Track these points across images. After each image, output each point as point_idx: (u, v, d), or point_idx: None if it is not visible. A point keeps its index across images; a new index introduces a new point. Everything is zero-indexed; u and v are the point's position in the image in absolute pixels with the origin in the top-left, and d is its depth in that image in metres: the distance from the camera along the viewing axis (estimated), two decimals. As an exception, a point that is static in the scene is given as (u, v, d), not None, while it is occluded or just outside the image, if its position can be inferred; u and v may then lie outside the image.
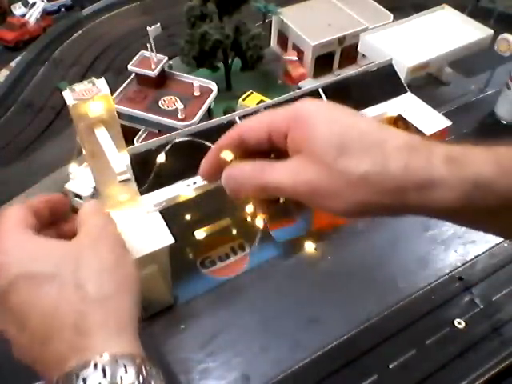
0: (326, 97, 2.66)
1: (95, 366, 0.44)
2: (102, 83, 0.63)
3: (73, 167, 4.01)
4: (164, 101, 4.84)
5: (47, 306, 0.47)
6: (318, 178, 0.49)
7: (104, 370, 0.44)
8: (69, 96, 0.59)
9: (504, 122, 3.79)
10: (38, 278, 0.48)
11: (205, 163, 0.60)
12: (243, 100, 5.23)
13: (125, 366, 0.44)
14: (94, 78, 0.64)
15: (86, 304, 0.47)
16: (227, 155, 0.57)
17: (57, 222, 0.63)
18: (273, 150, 0.57)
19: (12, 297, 0.48)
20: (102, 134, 0.64)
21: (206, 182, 0.59)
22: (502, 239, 2.82)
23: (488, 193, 0.45)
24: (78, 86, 0.59)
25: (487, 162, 0.46)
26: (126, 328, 0.49)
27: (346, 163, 0.48)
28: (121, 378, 0.43)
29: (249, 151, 0.57)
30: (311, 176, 0.49)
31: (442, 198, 0.45)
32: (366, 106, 2.80)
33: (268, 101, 2.70)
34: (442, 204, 0.46)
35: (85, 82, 0.59)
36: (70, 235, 0.57)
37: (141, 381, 0.45)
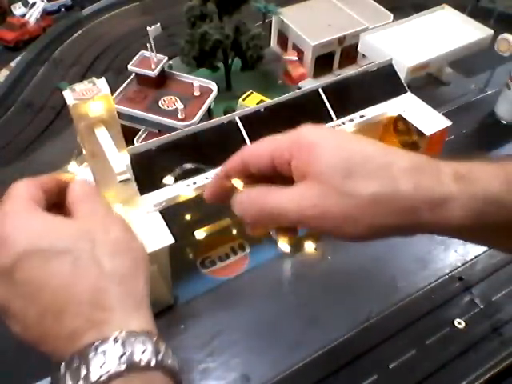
0: (326, 97, 2.66)
1: (115, 339, 0.43)
2: (102, 83, 0.63)
3: (72, 167, 4.01)
4: (164, 101, 4.84)
5: (61, 280, 0.46)
6: (326, 202, 0.49)
7: (124, 345, 0.43)
8: (69, 96, 0.59)
9: (504, 122, 3.79)
10: (49, 254, 0.47)
11: (209, 187, 0.61)
12: (243, 100, 5.23)
13: (143, 343, 0.45)
14: (94, 78, 0.64)
15: (104, 280, 0.47)
16: (235, 182, 0.57)
17: (63, 203, 0.63)
18: (277, 176, 0.56)
19: (19, 272, 0.47)
20: (102, 133, 0.63)
21: (206, 182, 0.59)
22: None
23: (498, 209, 0.45)
24: (78, 86, 0.59)
25: (496, 179, 0.46)
26: (142, 306, 0.50)
27: (353, 185, 0.48)
28: (141, 353, 0.43)
29: (255, 177, 0.57)
30: (318, 199, 0.49)
31: (454, 215, 0.46)
32: (366, 106, 2.80)
33: (268, 101, 2.70)
34: (454, 221, 0.46)
35: (85, 82, 0.59)
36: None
37: (159, 358, 0.45)
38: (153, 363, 0.44)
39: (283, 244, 0.64)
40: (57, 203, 0.59)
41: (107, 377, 0.42)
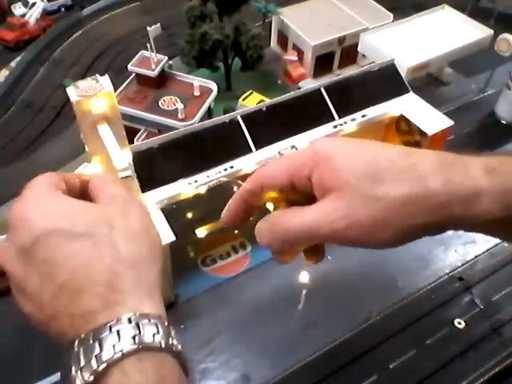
0: (329, 96, 2.66)
1: (129, 320, 0.45)
2: (105, 80, 0.62)
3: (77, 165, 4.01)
4: (164, 101, 4.83)
5: (80, 261, 0.48)
6: (356, 210, 0.48)
7: (138, 326, 0.45)
8: (73, 92, 0.58)
9: (504, 122, 3.80)
10: (70, 235, 0.48)
11: (228, 211, 0.60)
12: (243, 100, 5.23)
13: (156, 326, 0.46)
14: (97, 75, 0.64)
15: (121, 264, 0.48)
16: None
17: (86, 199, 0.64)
18: (296, 195, 0.56)
19: (38, 251, 0.48)
20: (104, 130, 0.63)
21: (207, 181, 0.59)
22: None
23: None
24: (81, 83, 0.59)
25: None
26: (155, 291, 0.51)
27: (383, 190, 0.48)
28: (152, 335, 0.45)
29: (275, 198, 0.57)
30: (348, 209, 0.48)
31: (486, 208, 0.46)
32: (368, 106, 2.80)
33: (268, 101, 2.70)
34: (485, 215, 0.46)
35: (88, 79, 0.59)
36: None
37: (169, 342, 0.46)
38: (163, 345, 0.46)
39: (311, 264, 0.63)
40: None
41: (120, 355, 0.43)
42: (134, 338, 0.44)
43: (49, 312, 0.48)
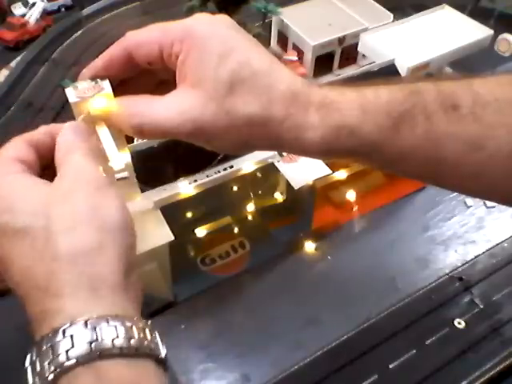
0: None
1: (63, 332, 0.39)
2: (104, 82, 0.62)
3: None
4: (164, 101, 4.84)
5: (23, 263, 0.43)
6: (205, 117, 0.48)
7: (72, 338, 0.39)
8: (71, 94, 0.58)
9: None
10: (11, 231, 0.44)
11: (85, 73, 0.56)
12: (243, 100, 5.23)
13: (101, 331, 0.39)
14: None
15: (57, 262, 0.42)
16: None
17: None
18: (163, 74, 0.53)
19: None
20: (103, 132, 0.63)
21: (207, 180, 0.58)
22: (502, 239, 2.82)
23: (350, 136, 0.48)
24: (80, 84, 0.59)
25: (353, 109, 0.49)
26: (106, 286, 0.43)
27: (233, 103, 0.48)
28: (111, 340, 0.39)
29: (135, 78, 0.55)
30: (197, 114, 0.48)
31: (312, 142, 0.48)
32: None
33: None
34: (312, 148, 0.49)
35: (88, 80, 0.59)
36: None
37: (132, 344, 0.39)
38: (124, 350, 0.39)
39: None
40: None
41: (73, 363, 0.38)
42: (90, 343, 0.39)
43: (18, 294, 0.44)
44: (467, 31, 4.43)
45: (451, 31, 4.42)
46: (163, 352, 0.41)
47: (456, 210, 2.95)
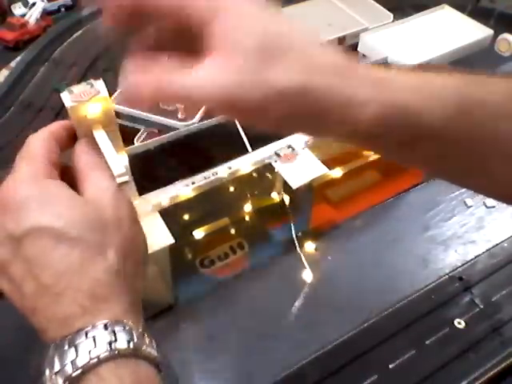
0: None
1: (105, 326, 0.44)
2: (100, 84, 0.62)
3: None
4: (164, 101, 4.83)
5: (66, 266, 0.46)
6: (237, 85, 0.44)
7: (114, 332, 0.44)
8: (67, 98, 0.58)
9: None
10: (61, 237, 0.46)
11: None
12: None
13: (131, 332, 0.45)
14: (92, 80, 0.64)
15: (107, 273, 0.47)
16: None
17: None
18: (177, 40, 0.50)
19: (27, 245, 0.47)
20: (100, 135, 0.63)
21: (205, 182, 0.58)
22: (502, 239, 2.82)
23: (404, 120, 0.45)
24: (76, 88, 0.59)
25: (412, 90, 0.46)
26: (136, 303, 0.50)
27: (269, 72, 0.44)
28: (127, 342, 0.44)
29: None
30: (234, 86, 0.44)
31: (361, 115, 0.45)
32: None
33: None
34: (362, 127, 0.45)
35: (83, 84, 0.59)
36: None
37: (143, 348, 0.46)
38: (138, 352, 0.45)
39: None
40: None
41: (95, 362, 0.43)
42: (109, 344, 0.44)
43: (30, 306, 0.48)
44: (467, 31, 4.43)
45: (451, 31, 4.41)
46: (160, 356, 0.46)
47: (456, 210, 2.95)
